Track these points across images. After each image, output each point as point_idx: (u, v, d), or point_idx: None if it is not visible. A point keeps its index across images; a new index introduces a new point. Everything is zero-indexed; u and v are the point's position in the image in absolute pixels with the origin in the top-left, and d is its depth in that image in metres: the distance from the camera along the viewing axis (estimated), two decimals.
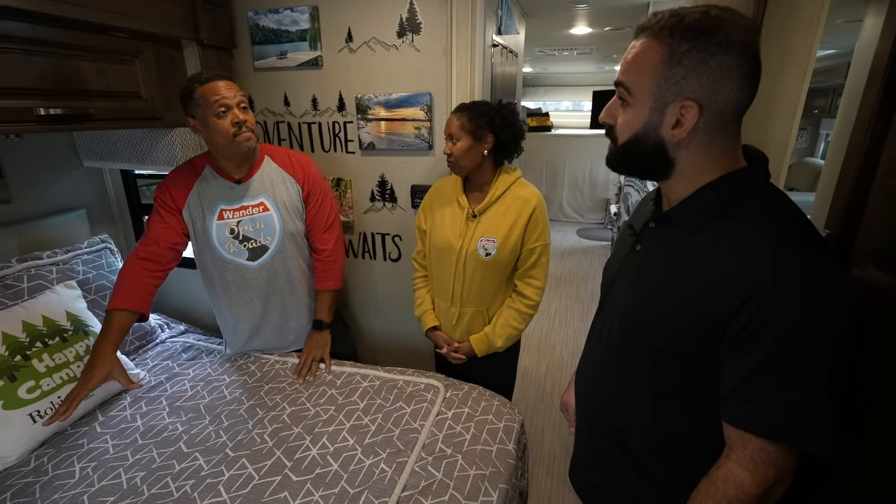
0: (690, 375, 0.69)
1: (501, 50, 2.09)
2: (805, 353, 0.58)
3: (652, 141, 0.66)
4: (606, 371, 0.83)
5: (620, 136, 0.69)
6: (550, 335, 3.16)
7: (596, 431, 0.87)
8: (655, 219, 0.76)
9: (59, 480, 1.13)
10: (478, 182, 1.43)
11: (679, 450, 0.74)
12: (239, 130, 1.31)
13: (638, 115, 0.66)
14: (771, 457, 0.61)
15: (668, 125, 0.64)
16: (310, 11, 1.64)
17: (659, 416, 0.74)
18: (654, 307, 0.71)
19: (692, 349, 0.67)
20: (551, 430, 2.24)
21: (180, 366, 1.60)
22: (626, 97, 0.67)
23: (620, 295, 0.80)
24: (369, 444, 1.22)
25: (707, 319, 0.64)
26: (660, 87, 0.63)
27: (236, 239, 1.44)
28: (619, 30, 3.63)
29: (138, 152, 1.72)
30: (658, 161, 0.68)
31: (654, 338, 0.71)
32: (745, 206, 0.66)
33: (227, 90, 1.30)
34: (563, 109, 8.72)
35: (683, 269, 0.68)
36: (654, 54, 0.62)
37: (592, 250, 4.91)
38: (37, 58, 1.18)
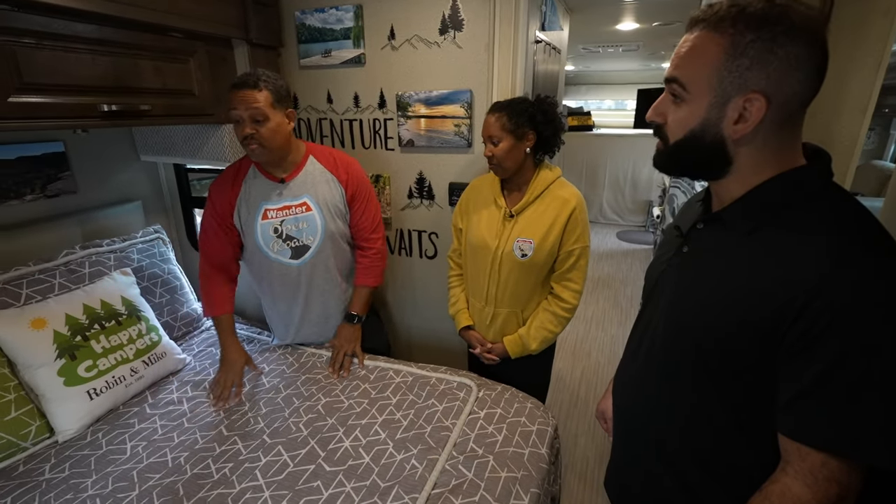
0: (741, 383, 0.65)
1: (544, 47, 2.05)
2: (873, 360, 0.54)
3: (710, 138, 0.63)
4: (649, 378, 0.80)
5: (672, 135, 0.66)
6: (587, 340, 3.08)
7: (635, 440, 0.84)
8: (705, 220, 0.73)
9: (111, 455, 1.20)
10: (517, 181, 1.40)
11: (725, 463, 0.69)
12: (245, 142, 1.32)
13: (695, 112, 0.63)
14: (833, 472, 0.57)
15: (730, 120, 0.61)
16: (354, 10, 1.67)
17: (705, 426, 0.70)
18: (703, 311, 0.67)
19: (744, 355, 0.63)
20: (585, 436, 2.19)
21: None
22: (681, 93, 0.63)
23: (665, 299, 0.76)
24: (401, 439, 1.23)
25: (762, 324, 0.60)
26: (721, 80, 0.60)
27: (280, 238, 1.47)
28: (669, 25, 3.48)
29: (190, 147, 1.80)
30: (715, 159, 0.64)
31: (702, 343, 0.67)
32: (807, 206, 0.62)
33: (240, 102, 1.28)
34: (605, 108, 8.50)
35: (736, 272, 0.65)
36: (715, 46, 0.59)
37: (632, 254, 4.75)
38: (102, 57, 1.25)
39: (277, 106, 1.33)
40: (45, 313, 1.33)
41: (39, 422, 1.26)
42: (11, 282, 1.39)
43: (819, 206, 0.62)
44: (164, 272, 1.81)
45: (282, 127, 1.35)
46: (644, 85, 6.63)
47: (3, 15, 1.05)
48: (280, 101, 1.34)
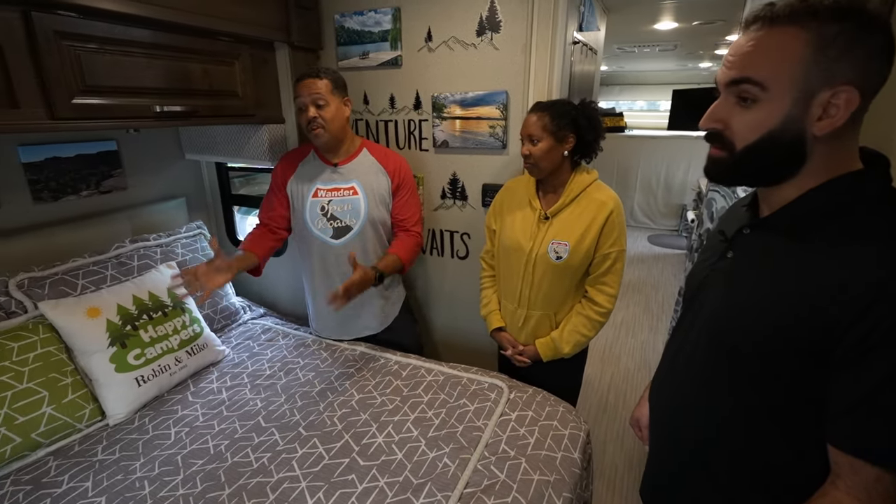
0: (790, 393, 0.63)
1: (581, 47, 2.03)
2: None
3: (790, 137, 0.60)
4: (688, 387, 0.78)
5: (742, 140, 0.63)
6: (616, 345, 3.03)
7: (674, 447, 0.82)
8: (752, 224, 0.71)
9: (157, 440, 1.26)
10: (552, 183, 1.40)
11: (770, 476, 0.68)
12: (309, 126, 1.45)
13: (774, 111, 0.60)
14: (889, 489, 0.55)
15: (814, 117, 0.58)
16: (392, 12, 1.69)
17: (749, 437, 0.69)
18: (749, 318, 0.66)
19: (793, 364, 0.61)
20: (614, 444, 2.15)
21: (259, 346, 1.72)
22: (756, 93, 0.60)
23: (707, 305, 0.75)
24: (433, 437, 1.24)
25: (814, 331, 0.58)
26: (807, 74, 0.57)
27: (325, 216, 1.57)
28: (710, 23, 3.38)
29: (233, 146, 1.86)
30: (789, 161, 0.62)
31: (748, 351, 0.66)
32: (864, 212, 0.60)
33: (304, 89, 1.43)
34: (637, 109, 8.34)
35: (786, 278, 0.63)
36: (797, 40, 0.57)
37: (664, 258, 4.64)
38: (156, 61, 1.32)
39: (335, 93, 1.47)
40: (99, 303, 1.40)
41: (93, 405, 1.33)
42: (70, 272, 1.48)
43: (877, 212, 0.59)
44: None
45: (340, 111, 1.50)
46: (679, 85, 6.46)
47: (71, 22, 1.12)
48: (337, 88, 1.49)
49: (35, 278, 1.42)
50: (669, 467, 0.84)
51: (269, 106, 1.76)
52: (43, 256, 1.51)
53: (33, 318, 1.35)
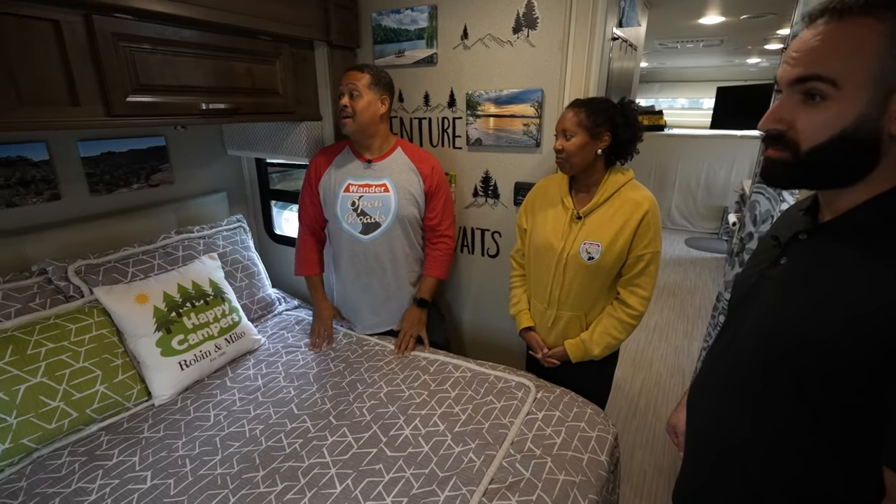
0: (833, 398, 0.60)
1: (621, 44, 1.99)
2: None
3: (865, 136, 0.56)
4: (730, 394, 0.75)
5: (808, 140, 0.59)
6: (648, 349, 2.95)
7: (711, 459, 0.80)
8: (810, 230, 0.67)
9: (198, 421, 1.32)
10: (585, 182, 1.38)
11: (809, 487, 0.65)
12: (341, 114, 1.52)
13: (847, 109, 0.56)
14: None
15: (893, 115, 0.55)
16: (429, 10, 1.70)
17: (790, 447, 0.66)
18: (804, 328, 0.62)
19: (851, 381, 0.58)
20: (642, 449, 2.11)
21: (294, 336, 1.78)
22: (826, 91, 0.56)
23: (756, 312, 0.72)
24: (459, 432, 1.26)
25: (878, 347, 0.54)
26: (884, 68, 0.53)
27: (355, 211, 1.61)
28: (760, 17, 3.23)
29: (272, 143, 1.93)
30: (862, 162, 0.58)
31: (798, 362, 0.63)
32: None
33: (346, 79, 1.51)
34: (678, 107, 8.06)
35: (848, 288, 0.59)
36: (873, 33, 0.53)
37: (702, 262, 4.48)
38: (203, 60, 1.38)
39: (373, 88, 1.52)
40: (147, 290, 1.48)
41: (140, 386, 1.41)
42: (121, 261, 1.57)
43: None
44: (245, 258, 1.95)
45: (372, 105, 1.53)
46: (724, 82, 6.21)
47: (126, 24, 1.19)
48: (377, 84, 1.53)
49: (91, 265, 1.52)
50: (705, 478, 0.82)
51: (308, 104, 1.81)
52: (98, 245, 1.62)
53: (89, 302, 1.45)
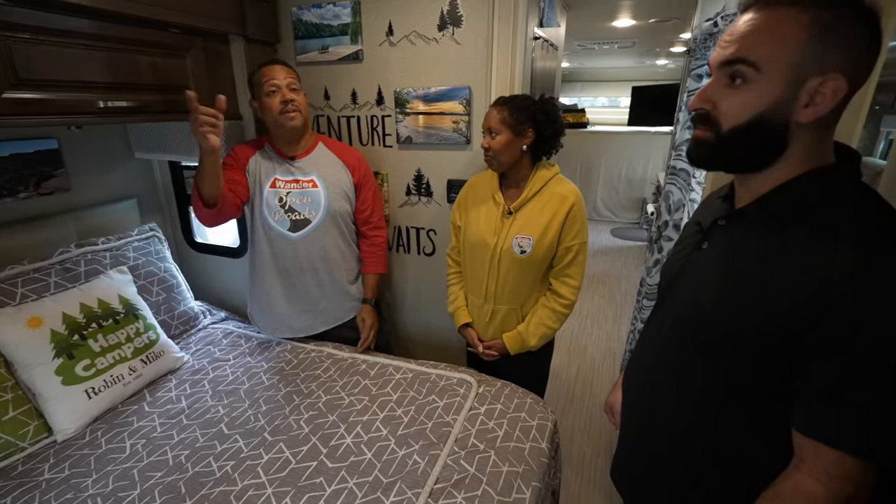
0: (757, 378, 0.65)
1: (542, 43, 2.06)
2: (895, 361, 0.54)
3: (777, 122, 0.60)
4: (661, 374, 0.80)
5: (728, 121, 0.62)
6: (581, 336, 3.10)
7: (645, 434, 0.85)
8: (728, 216, 0.72)
9: (111, 454, 1.19)
10: (514, 178, 1.41)
11: (736, 457, 0.70)
12: (285, 108, 1.43)
13: (765, 93, 0.59)
14: (849, 471, 0.57)
15: (801, 103, 0.58)
16: (352, 6, 1.66)
17: (716, 420, 0.71)
18: (724, 306, 0.67)
19: (763, 350, 0.63)
20: (581, 432, 2.21)
21: (221, 351, 1.66)
22: (749, 74, 0.60)
23: (682, 294, 0.76)
24: (402, 435, 1.24)
25: (786, 320, 0.59)
26: (802, 58, 0.57)
27: (283, 208, 1.54)
28: (665, 21, 3.50)
29: (186, 144, 1.78)
30: (771, 146, 0.62)
31: (720, 338, 0.67)
32: (838, 205, 0.60)
33: (278, 72, 1.44)
34: (598, 105, 8.53)
35: (761, 268, 0.64)
36: (795, 23, 0.56)
37: (626, 250, 4.79)
38: (99, 53, 1.24)
39: (301, 85, 1.52)
40: (41, 312, 1.31)
41: (37, 421, 1.25)
42: (6, 280, 1.38)
43: (850, 206, 0.60)
44: (161, 270, 1.80)
45: (306, 103, 1.52)
46: (638, 82, 6.66)
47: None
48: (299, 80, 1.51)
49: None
50: (642, 455, 0.86)
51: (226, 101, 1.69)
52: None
53: None
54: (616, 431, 1.00)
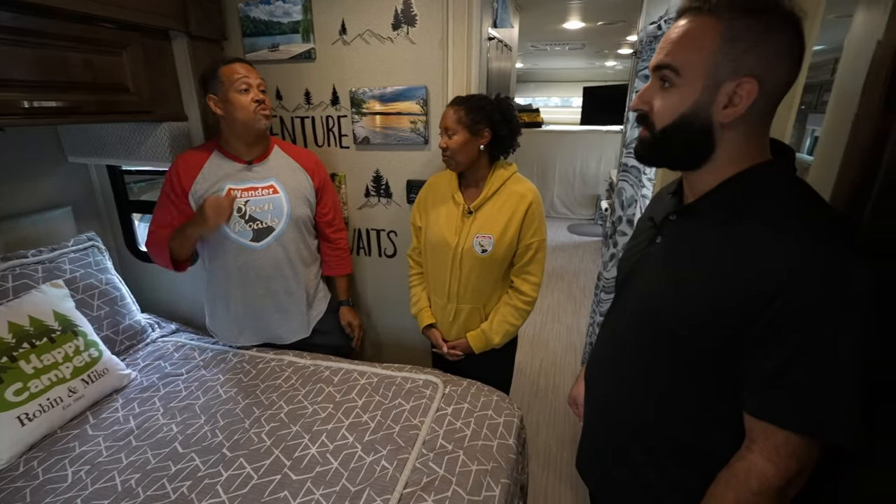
0: (712, 368, 0.68)
1: (497, 43, 2.08)
2: (835, 346, 0.58)
3: (700, 122, 0.64)
4: (621, 365, 0.83)
5: (660, 121, 0.67)
6: (543, 331, 3.17)
7: (608, 425, 0.87)
8: (678, 211, 0.75)
9: (50, 484, 1.10)
10: (473, 177, 1.41)
11: (693, 442, 0.73)
12: (258, 106, 1.39)
13: (686, 96, 0.64)
14: (795, 449, 0.61)
15: (720, 105, 0.62)
16: (302, 3, 1.61)
17: (674, 408, 0.74)
18: (678, 299, 0.70)
19: (716, 341, 0.66)
20: (546, 426, 2.25)
21: (173, 365, 1.57)
22: (673, 78, 0.64)
23: (639, 289, 0.79)
24: (369, 441, 1.21)
25: (734, 311, 0.63)
26: (716, 64, 0.61)
27: (242, 218, 1.47)
28: (612, 24, 3.63)
29: (126, 147, 1.67)
30: (700, 145, 0.66)
31: (676, 330, 0.70)
32: (777, 201, 0.65)
33: (248, 71, 1.40)
34: (552, 105, 8.75)
35: (709, 262, 0.67)
36: (711, 31, 0.61)
37: (584, 246, 4.93)
38: (23, 49, 1.14)
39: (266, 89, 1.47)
40: None
41: None
42: None
43: (787, 200, 0.65)
44: (102, 283, 1.67)
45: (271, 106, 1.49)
46: (589, 83, 6.89)
47: None
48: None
49: None
50: (606, 445, 0.89)
51: (169, 102, 1.60)
52: None
53: None
54: (580, 423, 1.03)
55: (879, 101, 0.66)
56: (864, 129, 0.69)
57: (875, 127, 0.67)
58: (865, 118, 0.70)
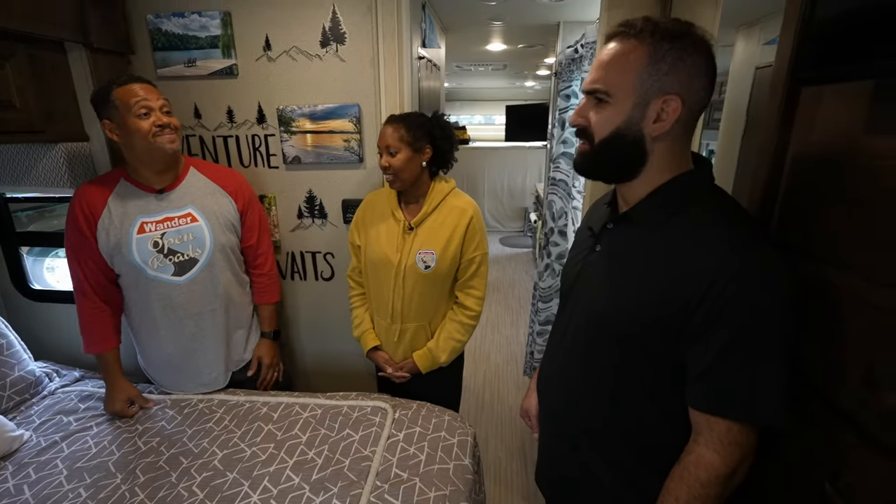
0: (657, 367, 0.72)
1: (426, 63, 2.11)
2: (763, 338, 0.63)
3: (633, 135, 0.69)
4: (571, 371, 0.84)
5: (598, 133, 0.71)
6: (484, 344, 3.20)
7: (564, 431, 0.88)
8: (614, 220, 0.80)
9: None
10: (413, 194, 1.40)
11: (646, 441, 0.76)
12: (160, 131, 1.25)
13: (619, 111, 0.69)
14: (737, 437, 0.65)
15: (650, 120, 0.68)
16: (221, 17, 1.52)
17: (627, 409, 0.77)
18: (622, 303, 0.73)
19: (658, 340, 0.70)
20: (494, 438, 2.25)
21: (79, 420, 1.37)
22: (605, 97, 0.69)
23: (584, 296, 0.82)
24: (317, 479, 1.13)
25: (673, 311, 0.67)
26: (643, 82, 0.66)
27: (161, 253, 1.32)
28: (532, 47, 3.84)
29: (11, 171, 1.46)
30: (635, 156, 0.71)
31: (621, 333, 0.73)
32: (701, 204, 0.71)
33: (147, 92, 1.25)
34: (476, 123, 9.04)
35: (647, 266, 0.72)
36: (638, 54, 0.66)
37: (516, 257, 5.09)
38: None
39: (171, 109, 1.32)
40: None
41: None
42: None
43: (710, 205, 0.71)
44: None
45: (179, 126, 1.33)
46: (511, 101, 7.21)
47: None
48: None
49: None
50: (562, 451, 0.90)
51: (64, 120, 1.42)
52: None
53: None
54: (530, 433, 1.03)
55: (779, 117, 0.74)
56: (766, 139, 0.77)
57: (777, 137, 0.75)
58: (765, 131, 0.78)
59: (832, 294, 0.64)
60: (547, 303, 2.22)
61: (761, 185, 0.79)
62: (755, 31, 2.38)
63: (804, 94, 0.72)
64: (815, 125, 0.70)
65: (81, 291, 1.35)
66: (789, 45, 0.73)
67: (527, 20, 2.95)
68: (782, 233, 0.76)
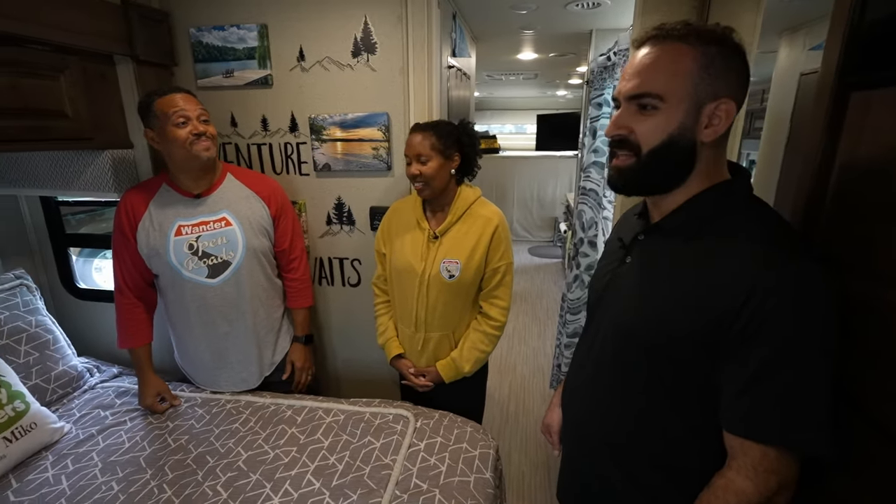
0: (689, 384, 0.68)
1: (456, 72, 2.12)
2: (803, 357, 0.59)
3: (686, 142, 0.66)
4: (598, 384, 0.81)
5: (647, 143, 0.67)
6: (511, 355, 3.15)
7: (589, 448, 0.85)
8: (646, 231, 0.77)
9: None
10: (439, 202, 1.40)
11: (675, 461, 0.72)
12: (196, 139, 1.30)
13: (671, 118, 0.65)
14: (773, 464, 0.61)
15: (702, 125, 0.65)
16: (258, 29, 1.58)
17: (656, 428, 0.73)
18: (652, 316, 0.70)
19: (690, 356, 0.66)
20: (518, 452, 2.21)
21: (115, 415, 1.42)
22: (655, 103, 0.66)
23: (612, 309, 0.79)
24: (338, 485, 1.13)
25: (706, 325, 0.63)
26: (696, 87, 0.64)
27: (195, 255, 1.37)
28: (563, 56, 3.80)
29: (62, 177, 1.55)
30: (684, 164, 0.68)
31: (652, 347, 0.70)
32: (738, 216, 0.67)
33: (185, 102, 1.30)
34: (507, 132, 9.02)
35: (680, 278, 0.68)
36: (688, 58, 0.64)
37: (545, 267, 5.02)
38: None
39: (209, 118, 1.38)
40: None
41: None
42: None
43: (748, 216, 0.68)
44: (31, 325, 1.51)
45: (216, 134, 1.39)
46: (542, 111, 7.16)
47: None
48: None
49: None
50: (585, 466, 0.86)
51: (111, 128, 1.50)
52: None
53: None
54: (554, 451, 1.00)
55: (825, 123, 0.70)
56: (812, 147, 0.73)
57: (823, 145, 0.70)
58: (810, 138, 0.74)
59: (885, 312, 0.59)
60: (575, 315, 2.17)
61: (805, 195, 0.74)
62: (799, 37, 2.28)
63: (853, 99, 0.68)
64: (864, 132, 0.66)
65: (118, 289, 1.42)
66: (837, 47, 0.69)
67: (558, 29, 2.93)
68: (826, 246, 0.71)
